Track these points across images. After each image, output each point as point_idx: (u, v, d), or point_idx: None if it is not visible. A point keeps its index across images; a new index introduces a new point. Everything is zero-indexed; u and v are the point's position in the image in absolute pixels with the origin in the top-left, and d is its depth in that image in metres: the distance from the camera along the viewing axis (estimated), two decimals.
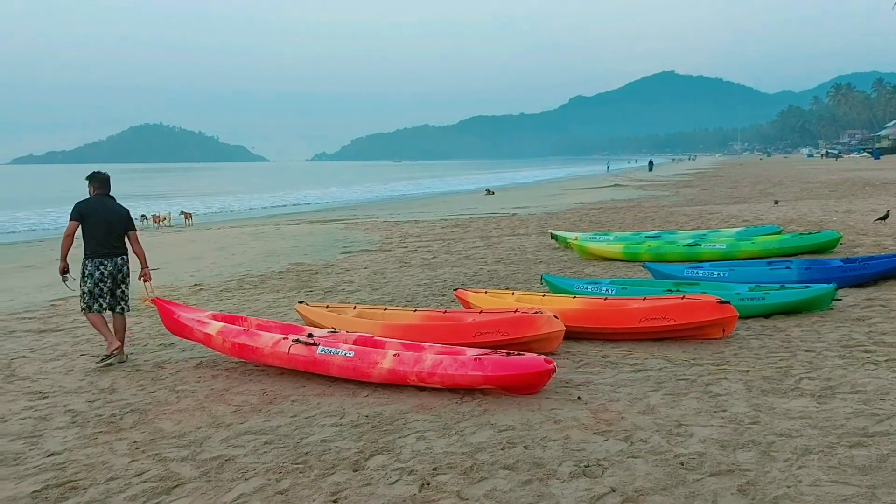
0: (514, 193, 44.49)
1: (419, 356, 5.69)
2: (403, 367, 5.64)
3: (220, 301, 10.60)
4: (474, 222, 21.43)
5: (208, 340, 6.84)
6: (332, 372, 5.97)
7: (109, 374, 6.82)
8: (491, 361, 5.42)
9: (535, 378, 5.41)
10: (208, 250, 17.69)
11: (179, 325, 7.11)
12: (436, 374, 5.53)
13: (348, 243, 17.40)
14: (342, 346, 6.02)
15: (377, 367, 5.72)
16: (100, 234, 7.21)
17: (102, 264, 7.24)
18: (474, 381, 5.43)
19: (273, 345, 6.27)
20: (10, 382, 6.65)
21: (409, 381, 5.65)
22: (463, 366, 5.47)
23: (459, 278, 11.45)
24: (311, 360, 6.03)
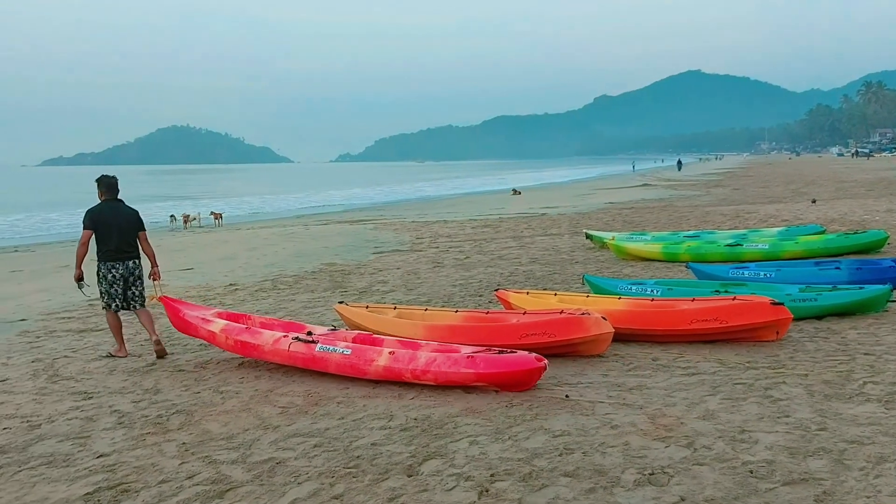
0: (541, 193, 44.25)
1: (413, 354, 5.82)
2: (398, 364, 5.77)
3: (256, 301, 10.58)
4: (504, 222, 21.28)
5: (212, 338, 6.98)
6: (331, 369, 6.10)
7: (152, 374, 6.79)
8: (483, 359, 5.55)
9: (525, 375, 5.52)
10: (240, 250, 17.73)
11: (185, 323, 7.25)
12: (429, 371, 5.65)
13: (379, 244, 17.35)
14: (340, 343, 6.16)
15: (373, 365, 5.85)
16: (112, 239, 7.39)
17: (115, 267, 7.43)
18: (467, 378, 5.56)
19: (274, 342, 6.42)
20: (55, 382, 6.64)
21: (403, 378, 5.77)
22: (455, 363, 5.59)
23: (495, 279, 11.32)
24: (310, 358, 6.17)
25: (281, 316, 9.14)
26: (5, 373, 7.06)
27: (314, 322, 8.70)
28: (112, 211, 7.49)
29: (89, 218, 7.41)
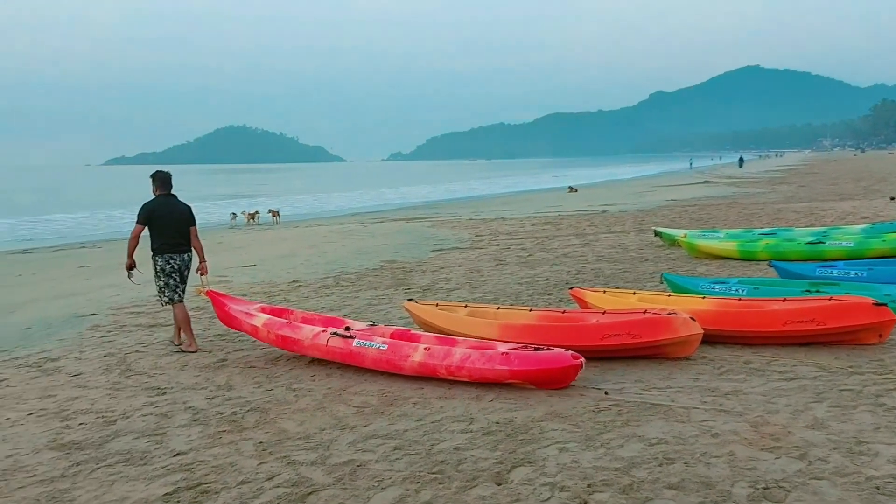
0: (598, 191, 43.50)
1: (448, 350, 5.79)
2: (433, 360, 5.74)
3: (320, 298, 10.48)
4: (565, 220, 20.87)
5: (255, 332, 7.07)
6: (367, 364, 6.13)
7: (224, 370, 6.71)
8: (517, 356, 5.48)
9: (561, 373, 5.43)
10: (300, 248, 17.75)
11: (230, 317, 7.35)
12: (464, 367, 5.60)
13: (438, 241, 17.16)
14: (377, 339, 6.19)
15: (409, 361, 5.84)
16: (167, 233, 7.58)
17: (172, 259, 7.60)
18: (501, 375, 5.49)
19: (313, 337, 6.48)
20: (128, 377, 6.62)
21: (438, 375, 5.74)
22: (490, 360, 5.53)
23: (562, 277, 11.00)
24: (348, 353, 6.20)
25: (346, 314, 9.02)
26: (79, 367, 7.09)
27: (381, 320, 8.56)
28: (167, 205, 7.66)
29: (144, 213, 7.58)
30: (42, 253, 21.06)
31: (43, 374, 6.87)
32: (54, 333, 8.84)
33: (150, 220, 7.56)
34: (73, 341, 8.32)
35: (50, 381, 6.59)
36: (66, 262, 17.99)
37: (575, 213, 23.54)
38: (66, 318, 9.88)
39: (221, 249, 18.68)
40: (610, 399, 5.24)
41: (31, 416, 5.62)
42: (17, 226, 32.78)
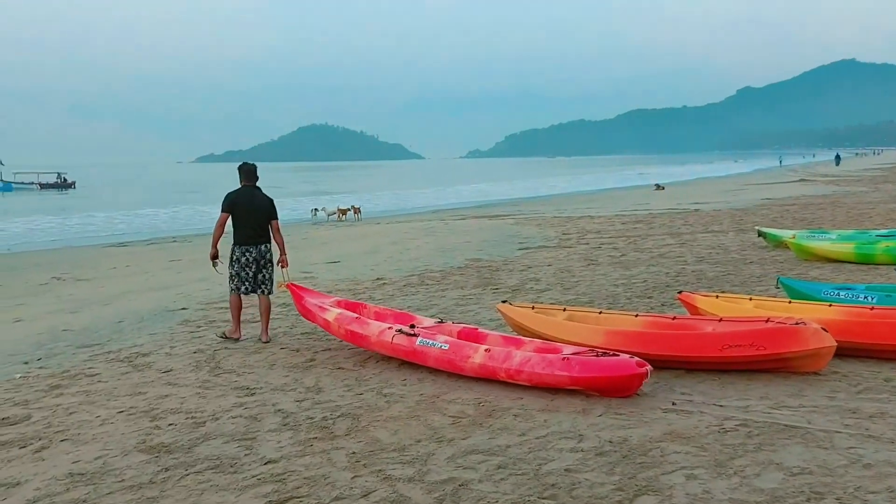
0: (687, 189, 42.05)
1: (509, 353, 5.67)
2: (493, 362, 5.64)
3: (405, 297, 10.21)
4: (657, 218, 20.03)
5: (327, 326, 7.11)
6: (429, 363, 6.07)
7: (312, 371, 6.49)
8: (579, 362, 5.30)
9: (624, 381, 5.20)
10: (382, 244, 17.64)
11: (306, 310, 7.45)
12: (523, 371, 5.47)
13: (523, 239, 16.70)
14: (439, 338, 6.11)
15: (469, 361, 5.76)
16: (247, 223, 7.65)
17: (248, 251, 7.67)
18: (561, 381, 5.32)
19: (379, 333, 6.46)
20: (217, 376, 6.47)
21: (498, 377, 5.63)
22: (550, 365, 5.37)
23: (661, 279, 10.38)
24: (411, 351, 6.16)
25: (433, 314, 8.70)
26: (169, 363, 7.01)
27: (470, 321, 8.20)
28: (249, 196, 7.74)
29: (228, 202, 7.70)
30: (136, 246, 21.72)
31: (134, 370, 6.81)
32: (146, 328, 8.88)
33: (233, 209, 7.66)
34: (163, 336, 8.31)
35: (140, 378, 6.51)
36: (158, 255, 18.43)
37: (666, 212, 22.63)
38: (158, 311, 9.95)
39: (305, 245, 18.78)
40: (735, 418, 4.70)
41: (122, 414, 5.51)
42: (114, 219, 34.16)
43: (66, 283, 13.68)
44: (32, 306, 11.20)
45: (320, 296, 7.81)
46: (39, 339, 8.50)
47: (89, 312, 10.21)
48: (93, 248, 22.33)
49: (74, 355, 7.56)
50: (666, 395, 5.31)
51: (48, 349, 7.92)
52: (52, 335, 8.68)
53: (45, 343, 8.24)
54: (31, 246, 23.91)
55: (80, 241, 25.40)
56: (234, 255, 7.74)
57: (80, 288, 13.02)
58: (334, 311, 7.13)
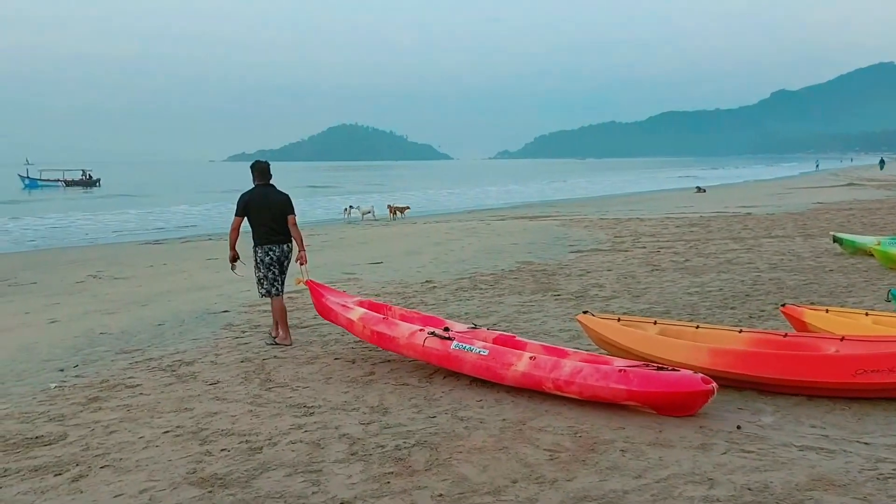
0: (729, 192, 40.85)
1: (557, 362, 5.24)
2: (539, 371, 5.22)
3: (459, 302, 9.53)
4: (712, 222, 19.10)
5: (351, 326, 6.77)
6: (465, 370, 5.70)
7: (374, 386, 5.83)
8: (637, 375, 4.88)
9: (687, 398, 4.75)
10: (424, 245, 16.98)
11: (327, 309, 7.10)
12: (574, 383, 5.05)
13: (573, 242, 15.93)
14: (477, 343, 5.73)
15: (511, 369, 5.36)
16: (265, 223, 7.38)
17: (271, 250, 7.41)
18: (616, 395, 4.91)
19: (409, 336, 6.11)
20: (269, 389, 5.85)
21: (543, 388, 5.23)
22: (605, 377, 4.96)
23: (738, 287, 9.58)
24: (445, 355, 5.79)
25: (494, 322, 8.04)
26: (216, 374, 6.41)
27: (537, 331, 7.52)
28: (262, 195, 7.46)
29: (241, 204, 7.45)
30: (171, 244, 21.34)
31: (178, 381, 6.22)
32: (187, 332, 8.31)
33: (248, 210, 7.42)
34: (207, 342, 7.73)
35: (186, 391, 5.92)
36: (195, 253, 17.98)
37: (716, 215, 21.68)
38: (199, 314, 9.39)
39: (344, 245, 18.22)
40: (891, 460, 3.94)
41: (168, 434, 4.90)
42: (147, 216, 34.00)
43: (103, 282, 13.24)
44: (68, 306, 10.72)
45: (342, 294, 7.47)
46: (76, 342, 7.98)
47: (127, 314, 9.69)
48: (128, 245, 22.02)
49: (113, 362, 7.01)
50: (793, 428, 4.56)
51: (85, 354, 7.38)
52: (89, 339, 8.15)
53: (82, 347, 7.71)
54: (65, 242, 23.69)
55: (115, 238, 25.17)
56: (258, 257, 7.44)
57: (116, 287, 12.55)
58: (358, 310, 6.78)
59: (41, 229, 27.99)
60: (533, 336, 7.25)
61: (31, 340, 8.14)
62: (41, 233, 26.80)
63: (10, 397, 5.95)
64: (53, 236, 25.79)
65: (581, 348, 6.77)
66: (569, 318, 8.11)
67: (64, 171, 70.36)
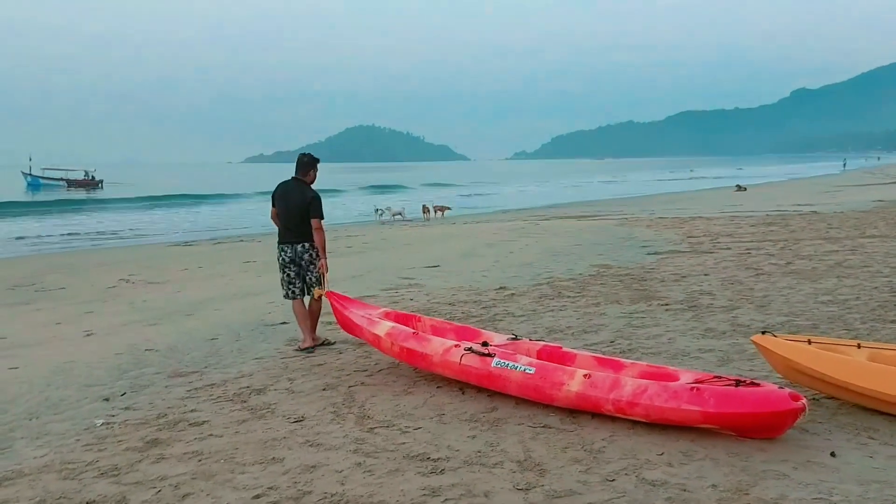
0: (770, 190, 39.41)
1: (616, 380, 4.62)
2: (596, 392, 4.60)
3: (550, 312, 8.27)
4: (789, 220, 17.67)
5: (377, 342, 6.14)
6: (510, 390, 5.04)
7: (506, 428, 4.57)
8: (714, 393, 4.23)
9: (774, 419, 4.11)
10: (477, 247, 15.72)
11: (350, 324, 6.51)
12: (638, 404, 4.40)
13: (643, 242, 14.61)
14: (522, 359, 5.06)
15: (563, 390, 4.72)
16: (282, 219, 7.00)
17: (283, 251, 7.01)
18: (690, 417, 4.26)
19: (444, 352, 5.46)
20: (373, 431, 4.61)
21: (602, 410, 4.60)
22: (675, 396, 4.31)
23: (874, 294, 8.27)
24: (486, 374, 5.16)
25: (608, 338, 6.79)
26: (297, 406, 5.19)
27: (669, 350, 6.25)
28: (283, 189, 7.01)
29: (272, 195, 7.15)
30: (202, 246, 20.25)
31: (253, 417, 5.01)
32: (246, 349, 7.12)
33: (274, 202, 7.08)
34: (273, 362, 6.53)
35: (266, 430, 4.70)
36: (229, 255, 16.86)
37: (778, 213, 20.27)
38: (253, 325, 8.22)
39: (388, 247, 17.02)
40: None
41: (260, 501, 3.68)
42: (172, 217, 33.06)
43: (137, 287, 12.10)
44: (103, 315, 9.58)
45: (365, 306, 6.87)
46: (118, 361, 6.81)
47: (172, 325, 8.52)
48: (157, 246, 20.97)
49: (168, 389, 5.81)
50: None
51: (132, 378, 6.20)
52: (134, 356, 6.98)
53: (127, 368, 6.53)
54: (90, 244, 22.68)
55: (141, 239, 24.15)
56: (277, 255, 7.10)
57: (153, 292, 11.41)
58: (385, 324, 6.14)
59: (64, 229, 27.05)
60: (671, 359, 5.99)
61: (66, 359, 6.98)
62: (63, 233, 25.84)
63: (48, 439, 4.77)
64: (76, 237, 24.83)
65: (696, 367, 5.59)
66: (699, 334, 6.84)
67: (66, 171, 69.04)
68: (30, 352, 7.47)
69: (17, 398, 5.74)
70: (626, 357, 6.05)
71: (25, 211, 35.14)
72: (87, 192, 63.96)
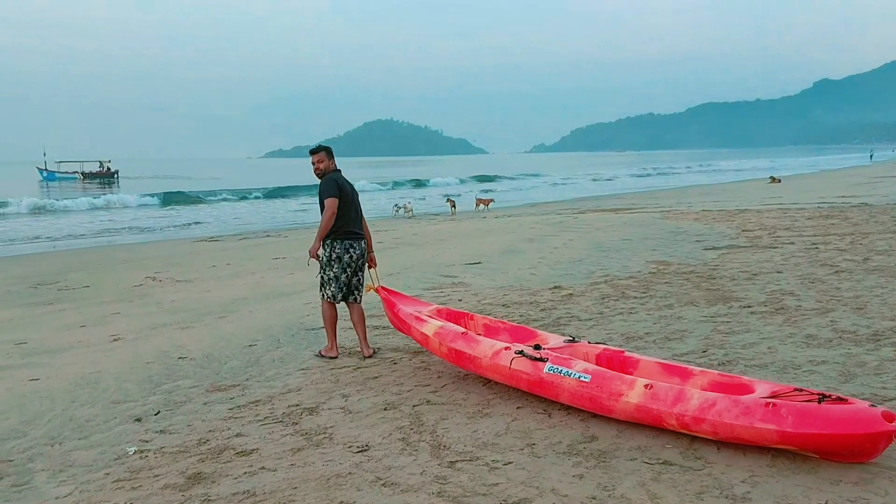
0: (806, 181, 38.25)
1: (681, 392, 4.13)
2: (658, 404, 4.13)
3: (620, 316, 7.49)
4: (847, 212, 16.68)
5: (425, 341, 5.72)
6: (563, 398, 4.61)
7: (615, 463, 3.81)
8: (792, 410, 3.68)
9: (865, 441, 3.51)
10: (516, 242, 14.93)
11: (399, 321, 6.11)
12: (705, 420, 3.92)
13: (696, 237, 13.75)
14: (577, 365, 4.60)
15: (621, 401, 4.28)
16: (349, 212, 6.28)
17: (352, 247, 6.28)
18: (764, 437, 3.72)
19: (493, 355, 5.05)
20: (454, 467, 3.85)
21: (664, 425, 4.14)
22: (747, 413, 3.79)
23: None
24: (537, 381, 4.72)
25: (702, 350, 5.99)
26: (357, 431, 4.47)
27: (785, 366, 5.46)
28: (343, 181, 6.32)
29: (336, 184, 6.20)
30: (227, 241, 19.64)
31: (309, 444, 4.29)
32: (288, 357, 6.42)
33: (341, 194, 6.22)
34: (321, 374, 5.83)
35: (326, 464, 3.98)
36: (257, 252, 16.21)
37: (825, 205, 19.30)
38: (293, 330, 7.52)
39: (421, 242, 16.27)
40: None
41: None
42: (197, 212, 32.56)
43: (165, 286, 11.47)
44: (130, 316, 8.94)
45: (416, 302, 6.47)
46: (149, 372, 6.13)
47: (205, 329, 7.85)
48: (181, 242, 20.40)
49: (207, 407, 5.12)
50: None
51: (166, 393, 5.51)
52: (166, 366, 6.30)
53: (160, 381, 5.85)
54: (112, 239, 22.17)
55: (164, 234, 23.62)
56: (335, 253, 6.21)
57: (181, 292, 10.77)
58: (434, 322, 5.70)
59: (84, 225, 26.61)
60: (780, 373, 5.21)
61: (92, 368, 6.31)
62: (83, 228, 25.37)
63: (73, 472, 4.08)
64: (98, 232, 24.35)
65: (815, 383, 4.83)
66: (801, 343, 6.04)
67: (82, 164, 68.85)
68: (52, 359, 6.82)
69: (38, 417, 5.08)
70: (726, 369, 5.29)
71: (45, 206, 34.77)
72: (102, 182, 63.78)
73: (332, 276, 6.24)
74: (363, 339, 6.38)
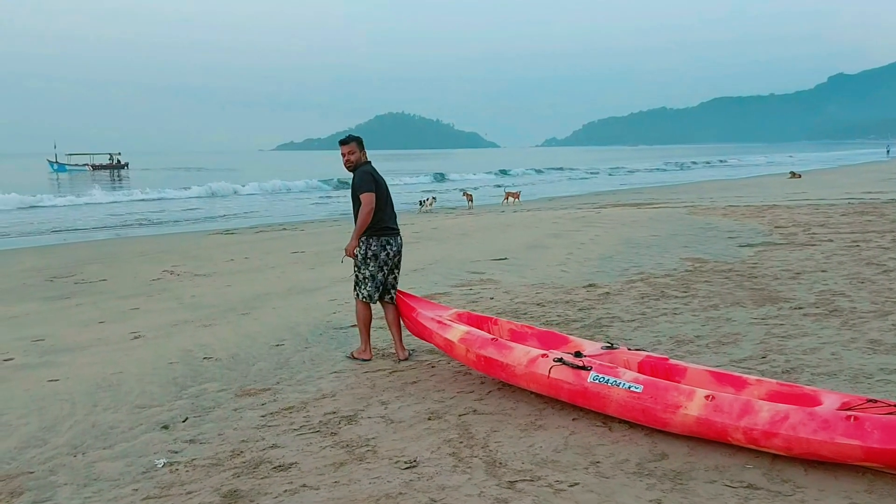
0: (827, 177, 37.64)
1: (746, 404, 3.75)
2: (721, 417, 3.75)
3: (664, 317, 7.11)
4: (883, 209, 16.17)
5: (449, 348, 5.39)
6: (610, 410, 4.26)
7: (693, 486, 3.46)
8: (878, 424, 3.29)
9: None
10: (541, 237, 14.54)
11: (419, 326, 5.77)
12: (778, 434, 3.53)
13: (729, 233, 13.32)
14: (626, 375, 4.27)
15: (679, 413, 3.90)
16: (385, 207, 5.94)
17: (389, 244, 5.95)
18: (846, 453, 3.35)
19: (529, 363, 4.70)
20: (514, 488, 3.50)
21: (728, 439, 3.76)
22: (827, 427, 3.41)
23: None
24: (581, 391, 4.36)
25: (761, 356, 5.60)
26: (403, 444, 4.13)
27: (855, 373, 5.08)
28: (377, 174, 5.98)
29: (372, 177, 5.85)
30: (244, 234, 19.36)
31: (351, 458, 3.96)
32: (319, 358, 6.09)
33: (377, 188, 5.85)
34: (356, 377, 5.50)
35: (373, 482, 3.64)
36: (275, 245, 15.92)
37: (852, 201, 18.80)
38: (321, 328, 7.21)
39: (443, 237, 15.90)
40: None
41: None
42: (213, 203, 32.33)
43: (183, 280, 11.18)
44: (150, 312, 8.65)
45: (435, 307, 6.10)
46: (174, 373, 5.82)
47: (228, 326, 7.53)
48: (197, 234, 20.11)
49: (238, 413, 4.80)
50: None
51: (193, 397, 5.20)
52: (191, 366, 6.00)
53: (185, 383, 5.54)
54: (127, 231, 21.94)
55: (179, 226, 23.36)
56: (371, 250, 5.86)
57: (201, 286, 10.47)
58: (458, 328, 5.36)
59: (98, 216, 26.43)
60: (852, 382, 4.84)
61: (113, 369, 6.01)
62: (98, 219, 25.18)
63: (98, 487, 3.77)
64: (112, 223, 24.14)
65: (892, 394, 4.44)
66: (866, 348, 5.65)
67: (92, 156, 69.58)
68: (71, 358, 6.53)
69: (59, 423, 4.77)
70: (792, 378, 4.92)
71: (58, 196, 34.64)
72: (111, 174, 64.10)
73: (368, 274, 5.89)
74: (398, 340, 6.04)
